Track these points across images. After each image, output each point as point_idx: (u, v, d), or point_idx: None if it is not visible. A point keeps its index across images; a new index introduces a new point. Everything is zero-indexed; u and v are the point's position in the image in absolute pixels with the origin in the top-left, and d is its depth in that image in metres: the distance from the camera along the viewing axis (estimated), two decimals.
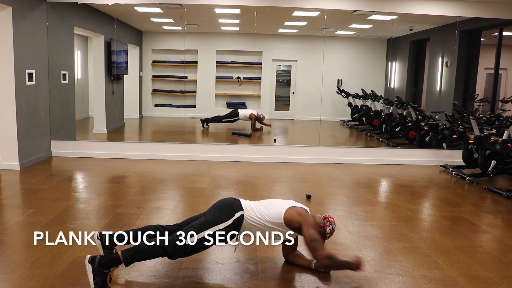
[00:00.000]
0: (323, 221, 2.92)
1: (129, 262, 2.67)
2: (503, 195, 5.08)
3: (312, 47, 10.42)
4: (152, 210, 4.20)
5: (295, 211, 2.86)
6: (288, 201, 2.98)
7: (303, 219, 2.82)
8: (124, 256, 2.63)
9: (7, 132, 5.69)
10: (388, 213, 4.39)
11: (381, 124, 8.78)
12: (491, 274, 3.01)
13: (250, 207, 2.86)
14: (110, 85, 8.38)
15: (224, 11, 7.79)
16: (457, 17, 7.04)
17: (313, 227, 2.82)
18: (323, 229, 2.89)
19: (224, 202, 2.88)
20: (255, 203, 2.94)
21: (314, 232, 2.79)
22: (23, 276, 2.76)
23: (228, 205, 2.84)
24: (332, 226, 2.92)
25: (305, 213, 2.89)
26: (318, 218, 2.94)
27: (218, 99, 10.56)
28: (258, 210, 2.85)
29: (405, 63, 9.51)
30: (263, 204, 2.92)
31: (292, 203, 2.96)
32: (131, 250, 2.66)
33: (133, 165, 6.22)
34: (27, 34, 5.82)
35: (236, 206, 2.83)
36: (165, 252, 2.68)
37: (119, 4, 6.66)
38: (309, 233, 2.77)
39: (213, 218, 2.77)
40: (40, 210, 4.08)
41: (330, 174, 6.07)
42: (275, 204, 2.92)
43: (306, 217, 2.85)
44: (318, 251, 2.77)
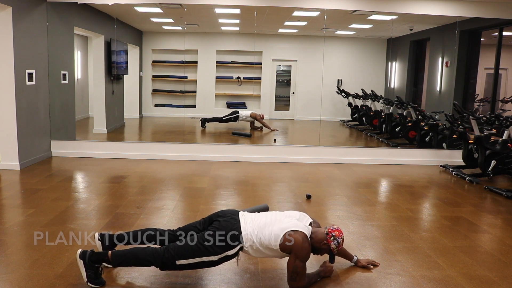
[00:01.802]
0: (326, 237, 2.70)
1: (117, 265, 2.72)
2: (503, 195, 5.08)
3: (312, 47, 10.43)
4: (152, 210, 4.20)
5: (293, 238, 2.61)
6: (289, 221, 2.71)
7: (296, 250, 2.61)
8: (113, 259, 2.66)
9: (7, 132, 5.70)
10: (388, 213, 4.39)
11: (381, 124, 8.78)
12: (491, 274, 3.01)
13: (250, 234, 2.65)
14: (110, 85, 8.38)
15: (224, 11, 7.79)
16: (457, 17, 7.04)
17: (302, 259, 2.62)
18: (327, 245, 2.71)
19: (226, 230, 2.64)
20: (253, 225, 2.69)
21: (300, 266, 2.62)
22: (23, 276, 2.76)
23: (229, 236, 2.62)
24: (337, 241, 2.70)
25: (301, 243, 2.60)
26: (320, 234, 2.72)
27: (218, 99, 10.56)
28: (255, 235, 2.66)
29: (405, 63, 9.51)
30: (260, 226, 2.69)
31: (292, 224, 2.68)
32: (120, 257, 2.66)
33: (133, 165, 6.22)
34: (27, 34, 5.82)
35: (237, 238, 2.63)
36: (152, 264, 2.64)
37: (119, 4, 6.66)
38: (294, 264, 2.61)
39: (210, 248, 2.60)
40: (40, 210, 4.08)
41: (330, 174, 6.07)
42: (273, 224, 2.69)
43: (300, 248, 2.60)
44: (295, 282, 2.64)
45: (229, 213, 2.79)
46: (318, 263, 3.00)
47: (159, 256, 2.61)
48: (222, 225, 2.67)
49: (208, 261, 2.62)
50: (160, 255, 2.61)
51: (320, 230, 2.76)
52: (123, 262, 2.68)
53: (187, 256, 2.60)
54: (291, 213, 2.82)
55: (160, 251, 2.63)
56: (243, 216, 2.76)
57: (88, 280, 2.61)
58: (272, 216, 2.76)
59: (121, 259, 2.66)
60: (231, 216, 2.74)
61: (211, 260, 2.62)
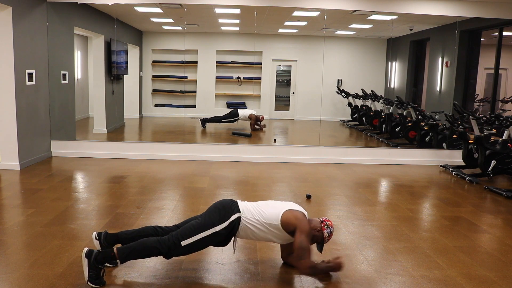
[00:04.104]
0: (320, 225, 2.87)
1: (124, 260, 2.70)
2: (503, 195, 5.08)
3: (312, 47, 10.43)
4: (152, 210, 4.20)
5: (293, 215, 2.80)
6: (287, 203, 2.94)
7: (299, 223, 2.76)
8: (119, 254, 2.66)
9: (7, 132, 5.70)
10: (388, 213, 4.39)
11: (381, 124, 8.78)
12: (491, 274, 3.01)
13: (247, 209, 2.83)
14: (110, 85, 8.38)
15: (224, 11, 7.79)
16: (457, 17, 7.04)
17: (306, 234, 2.75)
18: (320, 233, 2.86)
19: (221, 204, 2.84)
20: (252, 204, 2.90)
21: (306, 240, 2.72)
22: (23, 276, 2.76)
23: (225, 207, 2.80)
24: (330, 229, 2.87)
25: (302, 217, 2.80)
26: (315, 222, 2.89)
27: (218, 99, 10.56)
28: (256, 212, 2.82)
29: (405, 63, 9.51)
30: (260, 206, 2.87)
31: (290, 205, 2.90)
32: (126, 249, 2.68)
33: (133, 165, 6.22)
34: (27, 34, 5.82)
35: (233, 208, 2.80)
36: (159, 252, 2.69)
37: (119, 4, 6.66)
38: (300, 239, 2.71)
39: (209, 220, 2.74)
40: (40, 210, 4.08)
41: (330, 174, 6.07)
42: (273, 206, 2.87)
43: (302, 222, 2.77)
44: (303, 259, 2.72)
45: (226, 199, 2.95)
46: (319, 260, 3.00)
47: (165, 242, 2.68)
48: (218, 202, 2.89)
49: (213, 233, 2.71)
50: (165, 241, 2.69)
51: (314, 219, 2.96)
52: (130, 254, 2.67)
53: (190, 234, 2.71)
54: (288, 203, 2.99)
55: (165, 238, 2.72)
56: (241, 202, 2.91)
57: (89, 280, 2.61)
58: (271, 202, 2.95)
59: (128, 251, 2.66)
60: (228, 199, 2.94)
61: (215, 232, 2.71)
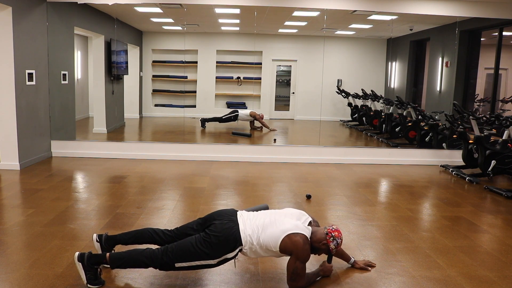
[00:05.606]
0: (325, 237, 2.69)
1: (115, 267, 2.69)
2: (503, 195, 5.08)
3: (312, 47, 10.43)
4: (152, 210, 4.20)
5: (292, 242, 2.59)
6: (289, 222, 2.67)
7: (296, 252, 2.59)
8: (110, 262, 2.64)
9: (7, 132, 5.70)
10: (388, 213, 4.39)
11: (381, 124, 8.78)
12: (491, 274, 3.01)
13: (248, 233, 2.63)
14: (110, 85, 8.37)
15: (224, 11, 7.79)
16: (457, 17, 7.04)
17: (302, 261, 2.62)
18: (326, 246, 2.71)
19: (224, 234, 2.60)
20: (252, 224, 2.67)
21: (300, 267, 2.61)
22: (23, 276, 2.76)
23: (227, 239, 2.59)
24: (336, 241, 2.69)
25: (301, 245, 2.59)
26: (320, 234, 2.71)
27: (218, 99, 10.56)
28: (255, 235, 2.63)
29: (405, 63, 9.51)
30: (259, 224, 2.66)
31: (292, 226, 2.64)
32: (118, 260, 2.65)
33: (133, 165, 6.21)
34: (27, 34, 5.82)
35: (236, 240, 2.60)
36: (150, 265, 2.64)
37: (119, 4, 6.66)
38: (294, 266, 2.61)
39: (207, 250, 2.57)
40: (40, 210, 4.08)
41: (330, 174, 6.07)
42: (273, 224, 2.65)
43: (300, 250, 2.59)
44: (295, 282, 2.64)
45: (226, 214, 2.74)
46: (318, 262, 3.00)
47: (157, 259, 2.60)
48: (220, 228, 2.62)
49: (207, 264, 2.63)
50: (158, 258, 2.59)
51: (319, 230, 2.75)
52: (121, 264, 2.66)
53: (185, 260, 2.59)
54: (290, 211, 2.81)
55: (158, 253, 2.61)
56: (242, 217, 2.72)
57: (88, 282, 2.60)
58: (271, 216, 2.72)
59: (119, 262, 2.65)
60: (229, 218, 2.69)
61: (210, 264, 2.63)
